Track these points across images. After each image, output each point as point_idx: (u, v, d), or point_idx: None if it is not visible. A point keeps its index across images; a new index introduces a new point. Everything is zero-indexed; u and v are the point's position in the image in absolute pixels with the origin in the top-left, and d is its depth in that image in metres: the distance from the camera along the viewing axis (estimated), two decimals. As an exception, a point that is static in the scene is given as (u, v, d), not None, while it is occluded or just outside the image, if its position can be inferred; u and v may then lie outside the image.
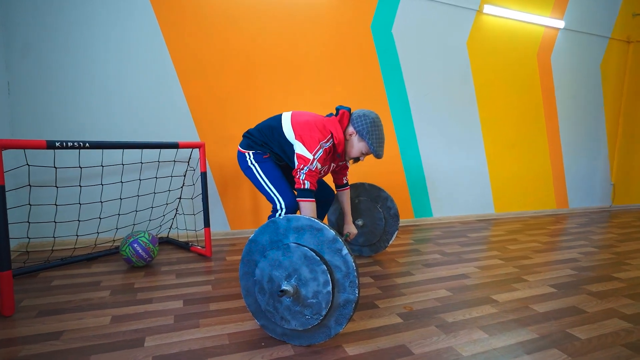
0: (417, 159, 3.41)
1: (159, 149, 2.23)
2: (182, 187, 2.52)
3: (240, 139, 1.96)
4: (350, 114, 1.77)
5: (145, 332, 1.41)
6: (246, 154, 1.83)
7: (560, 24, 3.83)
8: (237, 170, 2.74)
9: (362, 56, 3.09)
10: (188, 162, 2.48)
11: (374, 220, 2.36)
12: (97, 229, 2.26)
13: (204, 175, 2.29)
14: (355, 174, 3.12)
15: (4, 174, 1.51)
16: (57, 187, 2.03)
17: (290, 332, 1.38)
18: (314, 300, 1.31)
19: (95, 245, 2.27)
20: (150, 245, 2.07)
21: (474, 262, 2.35)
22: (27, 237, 2.02)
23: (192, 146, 2.23)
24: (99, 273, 1.99)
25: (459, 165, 3.59)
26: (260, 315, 1.42)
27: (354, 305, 1.31)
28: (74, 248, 2.17)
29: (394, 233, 2.38)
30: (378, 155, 1.73)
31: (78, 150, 1.85)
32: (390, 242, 2.39)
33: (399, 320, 1.56)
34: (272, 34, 2.77)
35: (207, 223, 2.31)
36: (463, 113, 3.55)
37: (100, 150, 2.26)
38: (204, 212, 2.30)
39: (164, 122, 2.52)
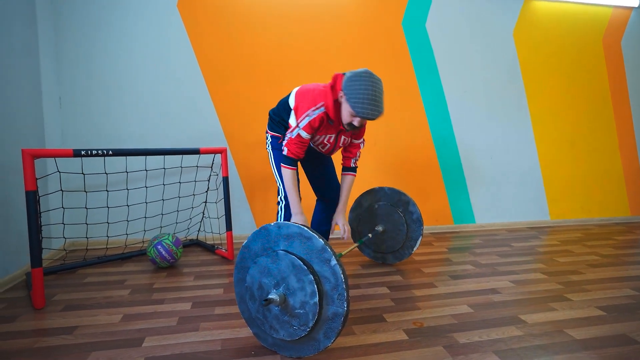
0: (457, 160, 3.17)
1: (182, 155, 2.32)
2: (207, 191, 2.61)
3: (263, 143, 2.03)
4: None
5: (148, 332, 1.46)
6: (267, 136, 1.91)
7: (635, 2, 3.32)
8: (265, 173, 2.79)
9: (394, 55, 2.95)
10: (211, 167, 2.57)
11: (395, 225, 2.23)
12: (125, 230, 2.43)
13: (225, 180, 2.35)
14: (385, 176, 2.99)
15: (37, 180, 1.68)
16: (87, 192, 2.22)
17: (280, 342, 1.34)
18: (301, 311, 1.26)
19: (126, 245, 2.44)
20: (174, 247, 2.17)
21: (509, 276, 2.10)
22: (63, 237, 2.22)
23: (213, 152, 2.30)
24: (127, 272, 2.13)
25: (505, 167, 3.27)
26: (252, 322, 1.40)
27: (342, 319, 1.23)
28: (106, 248, 2.35)
29: (417, 239, 2.22)
30: (361, 114, 1.48)
31: (103, 157, 2.00)
32: (414, 249, 2.23)
33: (404, 337, 1.44)
34: (299, 36, 2.77)
35: (229, 227, 2.37)
36: (510, 109, 3.23)
37: (125, 157, 2.40)
38: (225, 216, 2.36)
39: (191, 128, 2.64)
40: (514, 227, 3.32)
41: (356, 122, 1.58)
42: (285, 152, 1.69)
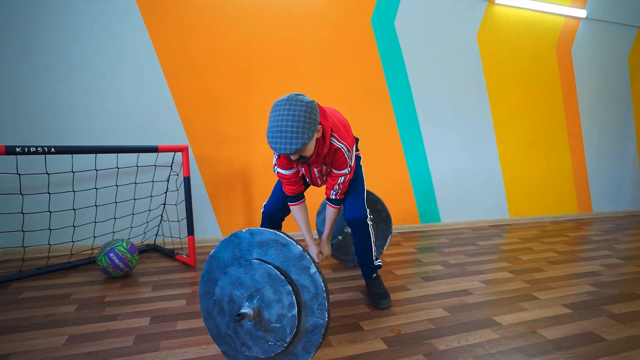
0: (423, 159, 3.19)
1: (138, 153, 2.11)
2: (166, 192, 2.41)
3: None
4: None
5: (99, 355, 1.28)
6: None
7: (582, 13, 3.53)
8: (230, 173, 2.62)
9: (362, 52, 2.90)
10: (171, 166, 2.37)
11: (368, 228, 2.17)
12: (71, 237, 2.17)
13: (187, 180, 2.17)
14: (355, 177, 2.94)
15: (-41, 181, 1.42)
16: (23, 195, 1.94)
17: (253, 361, 1.22)
18: (277, 325, 1.15)
19: (72, 254, 2.18)
20: (128, 255, 1.96)
21: (479, 276, 2.13)
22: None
23: (173, 149, 2.11)
24: (73, 284, 1.90)
25: (469, 167, 3.35)
26: (220, 340, 1.27)
27: (323, 331, 1.14)
28: (48, 257, 2.08)
29: (387, 237, 2.19)
30: (273, 149, 1.29)
31: (44, 155, 1.75)
32: (385, 248, 2.20)
33: (382, 346, 1.38)
34: (267, 29, 2.63)
35: (190, 231, 2.19)
36: (473, 111, 3.30)
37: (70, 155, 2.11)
38: (187, 219, 2.18)
39: (148, 124, 2.41)
40: (477, 225, 3.41)
41: (292, 157, 1.34)
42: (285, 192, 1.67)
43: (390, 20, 2.94)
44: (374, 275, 1.79)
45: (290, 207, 1.71)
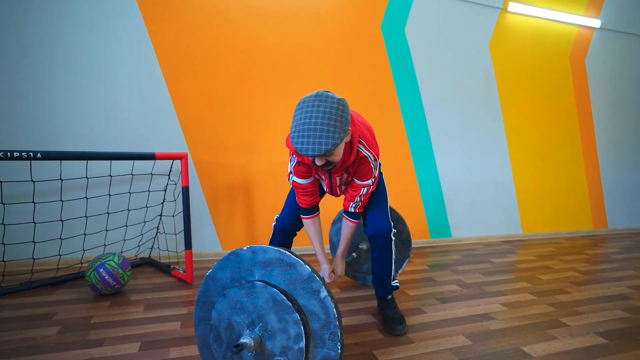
0: (434, 172, 3.05)
1: (133, 160, 1.97)
2: (162, 202, 2.26)
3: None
4: None
5: (78, 389, 1.12)
6: None
7: (596, 23, 3.43)
8: (231, 182, 2.48)
9: (371, 58, 2.79)
10: (168, 175, 2.23)
11: (379, 244, 2.02)
12: (58, 250, 2.01)
13: (185, 190, 2.03)
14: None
15: None
16: (4, 204, 1.79)
17: (254, 400, 1.06)
18: (281, 358, 1.00)
19: (58, 268, 2.03)
20: (120, 270, 1.81)
21: (499, 297, 1.96)
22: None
23: (171, 157, 1.98)
24: (59, 302, 1.74)
25: (480, 180, 3.20)
26: (217, 374, 1.11)
27: (335, 367, 0.99)
28: (32, 272, 1.93)
29: (404, 261, 2.04)
30: (297, 150, 1.13)
31: (29, 161, 1.61)
32: (399, 271, 2.04)
33: (401, 381, 1.22)
34: (272, 33, 2.52)
35: (188, 245, 2.04)
36: (485, 121, 3.18)
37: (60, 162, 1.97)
38: (184, 232, 2.03)
39: (145, 129, 2.28)
40: (489, 241, 3.25)
41: (316, 161, 1.19)
42: (297, 201, 1.53)
43: (400, 26, 2.84)
44: (389, 297, 1.63)
45: (303, 221, 1.57)
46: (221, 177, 2.46)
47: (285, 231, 1.62)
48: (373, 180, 1.45)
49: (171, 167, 2.21)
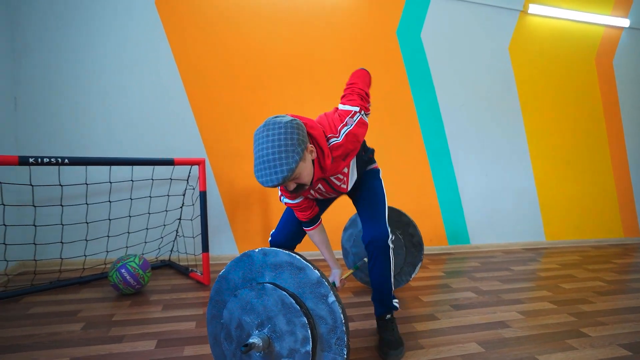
0: (451, 178, 3.01)
1: (153, 166, 2.06)
2: (181, 207, 2.34)
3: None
4: None
5: (97, 383, 1.18)
6: None
7: (625, 22, 3.31)
8: (248, 188, 2.54)
9: (387, 64, 2.80)
10: (187, 180, 2.31)
11: (393, 248, 2.01)
12: (84, 251, 2.12)
13: (203, 195, 2.09)
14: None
15: (-29, 192, 1.39)
16: (35, 207, 1.92)
17: (262, 399, 1.08)
18: (289, 361, 1.02)
19: (84, 268, 2.13)
20: (140, 271, 1.89)
21: (516, 305, 1.91)
22: (5, 260, 1.90)
23: (190, 163, 2.05)
24: (83, 300, 1.83)
25: (500, 185, 3.13)
26: (227, 372, 1.14)
27: (341, 371, 1.00)
28: (60, 271, 2.04)
29: (417, 265, 2.02)
30: (261, 184, 1.12)
31: (58, 166, 1.72)
32: (412, 276, 2.03)
33: (409, 386, 1.21)
34: (287, 41, 2.58)
35: (205, 248, 2.10)
36: (505, 125, 3.11)
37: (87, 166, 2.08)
38: (202, 236, 2.09)
39: (166, 136, 2.38)
40: (510, 248, 3.17)
41: (288, 188, 1.17)
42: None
43: (416, 32, 2.84)
44: (388, 316, 1.50)
45: (307, 232, 1.54)
46: (239, 182, 2.52)
47: (282, 248, 1.55)
48: (358, 111, 1.36)
49: (189, 172, 2.29)
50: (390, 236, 1.42)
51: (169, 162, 1.95)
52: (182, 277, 2.21)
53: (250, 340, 1.02)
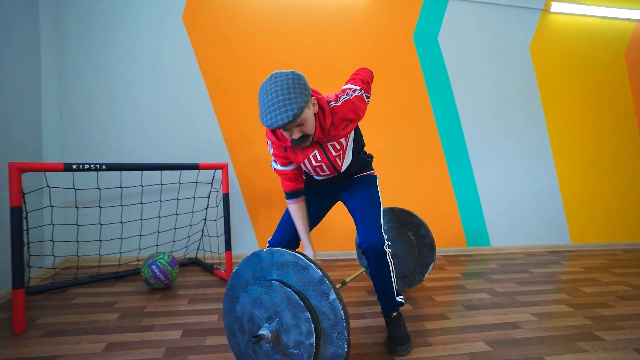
0: (470, 179, 3.01)
1: (180, 170, 2.23)
2: (206, 208, 2.50)
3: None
4: None
5: (130, 365, 1.33)
6: None
7: (658, 16, 3.17)
8: (268, 190, 2.67)
9: (404, 69, 2.85)
10: (211, 183, 2.46)
11: (405, 249, 2.08)
12: (119, 248, 2.34)
13: (225, 197, 2.24)
14: (392, 195, 2.84)
15: (24, 195, 1.59)
16: (78, 208, 2.14)
17: (272, 384, 1.19)
18: (295, 351, 1.12)
19: (119, 264, 2.33)
20: (169, 268, 2.05)
21: (530, 307, 1.92)
22: (53, 255, 2.12)
23: (213, 167, 2.20)
24: (119, 293, 2.02)
25: (522, 186, 3.09)
26: (241, 358, 1.25)
27: (342, 362, 1.08)
28: (99, 266, 2.25)
29: (429, 265, 2.06)
30: (266, 125, 1.18)
31: (96, 172, 1.91)
32: (426, 276, 2.07)
33: (412, 380, 1.28)
34: (307, 48, 2.68)
35: (228, 247, 2.24)
36: (526, 126, 3.07)
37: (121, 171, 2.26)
38: (225, 236, 2.24)
39: (194, 142, 2.54)
40: (533, 250, 3.12)
41: (293, 134, 1.25)
42: (282, 186, 1.56)
43: (433, 35, 2.87)
44: (394, 314, 1.55)
45: (289, 205, 1.56)
46: (260, 185, 2.66)
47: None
48: (360, 89, 1.46)
49: (213, 176, 2.44)
50: (386, 242, 1.45)
51: (194, 167, 2.11)
52: (207, 274, 2.36)
53: (260, 332, 1.12)
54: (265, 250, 1.20)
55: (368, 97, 1.52)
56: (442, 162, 2.96)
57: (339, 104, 1.38)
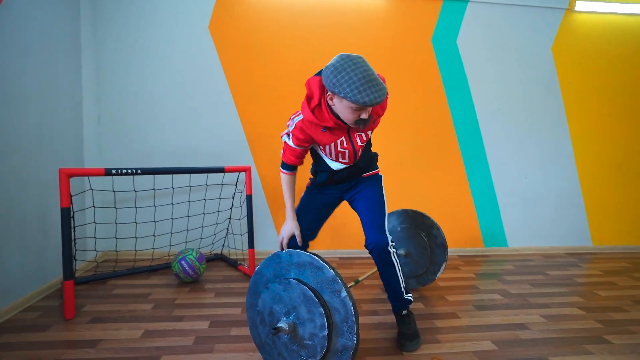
0: (488, 180, 3.03)
1: (207, 173, 2.39)
2: (231, 208, 2.67)
3: None
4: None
5: (164, 350, 1.50)
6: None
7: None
8: (288, 192, 2.80)
9: (422, 72, 2.90)
10: (235, 184, 2.62)
11: (418, 249, 2.16)
12: (152, 244, 2.56)
13: (249, 198, 2.39)
14: (409, 196, 2.91)
15: (72, 197, 1.78)
16: (117, 208, 2.35)
17: (289, 372, 1.32)
18: (310, 342, 1.24)
19: (152, 259, 2.54)
20: (197, 263, 2.22)
21: (541, 309, 1.96)
22: (95, 250, 2.35)
23: (237, 170, 2.35)
24: (153, 285, 2.21)
25: (541, 188, 3.08)
26: (262, 348, 1.39)
27: (352, 353, 1.20)
28: (134, 260, 2.46)
29: (442, 264, 2.14)
30: (361, 102, 1.23)
31: (133, 176, 2.11)
32: (438, 274, 2.15)
33: (419, 373, 1.38)
34: (328, 54, 2.75)
35: (251, 244, 2.40)
36: (547, 128, 3.05)
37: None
38: (248, 234, 2.39)
39: (220, 146, 2.71)
40: (551, 252, 3.11)
41: (364, 114, 1.32)
42: (282, 156, 1.62)
43: (452, 39, 2.90)
44: (404, 312, 1.63)
45: (282, 175, 1.64)
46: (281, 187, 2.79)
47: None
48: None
49: (237, 178, 2.60)
50: (390, 243, 1.52)
51: (220, 170, 2.27)
52: (232, 270, 2.53)
53: (279, 325, 1.25)
54: (284, 251, 1.33)
55: None
56: (460, 163, 3.00)
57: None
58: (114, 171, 1.86)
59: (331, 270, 1.24)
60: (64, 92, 2.25)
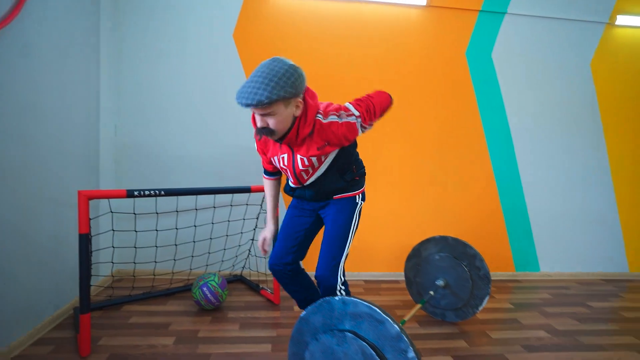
0: (521, 200, 2.88)
1: (232, 194, 2.24)
2: (254, 229, 2.51)
3: None
4: None
5: (193, 401, 1.34)
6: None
7: None
8: (312, 210, 2.65)
9: (455, 87, 2.75)
10: (261, 205, 2.47)
11: (458, 281, 2.00)
12: (172, 268, 2.40)
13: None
14: (439, 216, 2.76)
15: (90, 221, 1.63)
16: (137, 232, 2.19)
17: None
18: (370, 410, 1.08)
19: (171, 283, 2.37)
20: (219, 290, 2.07)
21: (597, 353, 1.80)
22: (111, 275, 2.19)
23: (263, 190, 2.19)
24: (172, 313, 2.05)
25: (576, 210, 2.93)
26: (309, 407, 1.23)
27: None
28: (152, 285, 2.30)
29: (484, 298, 1.98)
30: (237, 100, 1.18)
31: (155, 197, 1.95)
32: (479, 309, 1.99)
33: None
34: (355, 64, 2.64)
35: (275, 268, 2.24)
36: (584, 147, 2.90)
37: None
38: (272, 257, 2.23)
39: (244, 166, 2.53)
40: (586, 278, 2.95)
41: (259, 121, 1.24)
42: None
43: (487, 52, 2.75)
44: None
45: (264, 180, 1.64)
46: (304, 203, 2.64)
47: (276, 272, 1.56)
48: (357, 116, 1.35)
49: (263, 198, 2.44)
50: (340, 286, 1.39)
51: (246, 190, 2.11)
52: (253, 294, 2.37)
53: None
54: (337, 298, 1.17)
55: (364, 128, 1.41)
56: (492, 182, 2.84)
57: (324, 122, 1.31)
58: (136, 193, 1.71)
59: (395, 326, 1.08)
60: (81, 102, 2.10)
